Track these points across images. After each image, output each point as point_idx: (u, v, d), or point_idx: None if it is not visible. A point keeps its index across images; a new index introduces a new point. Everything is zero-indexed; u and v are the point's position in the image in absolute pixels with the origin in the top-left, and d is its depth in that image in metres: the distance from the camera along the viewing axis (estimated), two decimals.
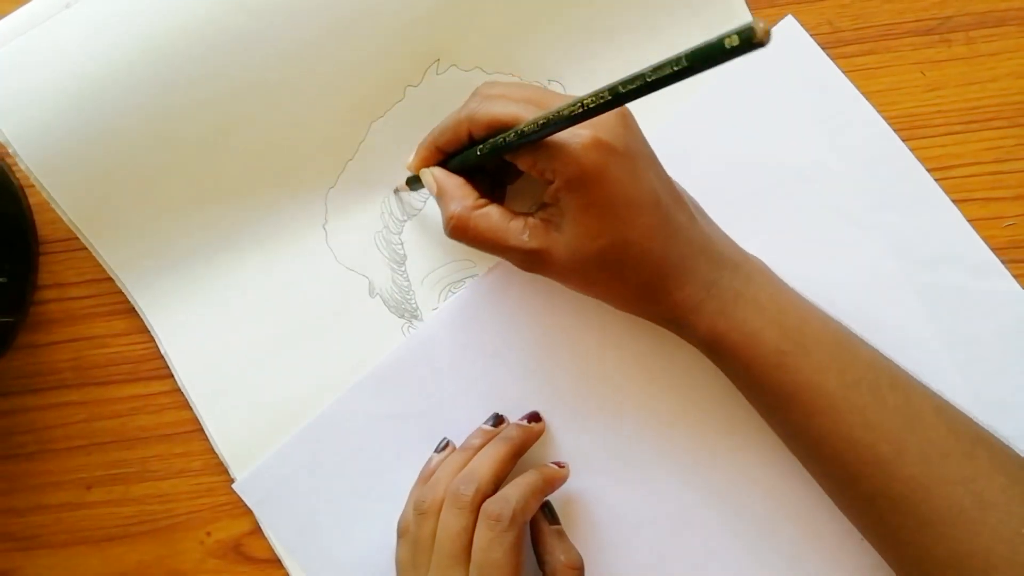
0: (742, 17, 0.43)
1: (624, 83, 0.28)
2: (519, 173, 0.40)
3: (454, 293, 0.43)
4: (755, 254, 0.39)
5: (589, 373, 0.42)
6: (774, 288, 0.37)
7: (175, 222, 0.41)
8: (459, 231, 0.37)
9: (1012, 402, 0.41)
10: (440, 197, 0.38)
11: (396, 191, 0.43)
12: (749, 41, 0.24)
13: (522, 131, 0.34)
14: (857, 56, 0.43)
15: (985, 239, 0.42)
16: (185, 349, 0.42)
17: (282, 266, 0.43)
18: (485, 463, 0.39)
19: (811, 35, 0.43)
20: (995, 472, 0.34)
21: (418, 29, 0.41)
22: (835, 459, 0.35)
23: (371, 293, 0.43)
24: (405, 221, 0.43)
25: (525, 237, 0.36)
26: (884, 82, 0.43)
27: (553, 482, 0.40)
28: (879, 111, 0.43)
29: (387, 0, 0.40)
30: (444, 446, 0.41)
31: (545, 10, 0.42)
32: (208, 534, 0.43)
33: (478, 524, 0.37)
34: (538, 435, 0.41)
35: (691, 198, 0.39)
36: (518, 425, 0.41)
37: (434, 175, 0.39)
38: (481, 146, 0.36)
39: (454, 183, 0.38)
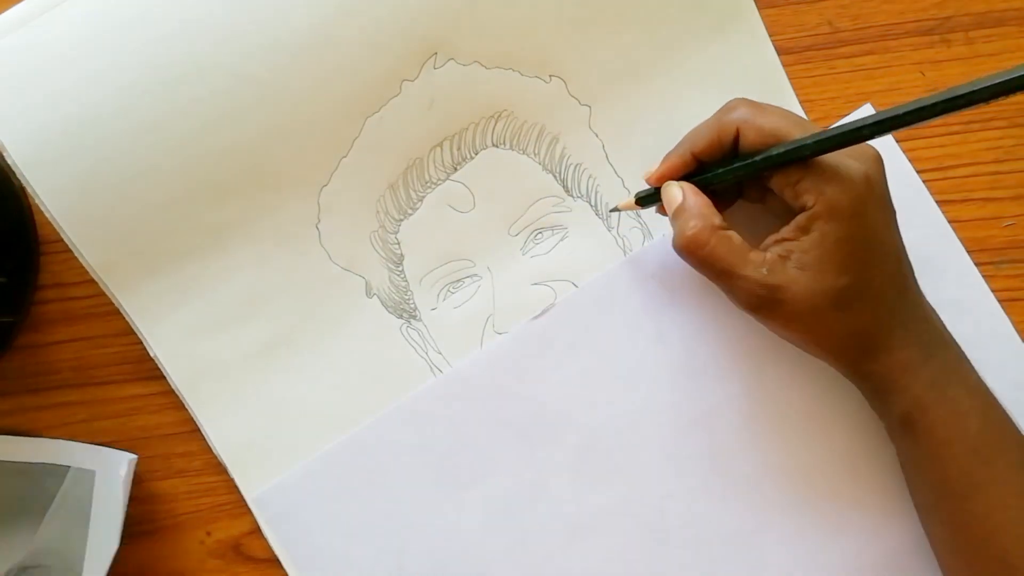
0: (747, 11, 0.43)
1: (911, 111, 0.31)
2: (729, 205, 0.40)
3: (453, 293, 0.43)
4: None
5: (630, 429, 0.42)
6: (978, 378, 0.37)
7: (164, 223, 0.41)
8: (696, 245, 0.36)
9: None
10: (681, 211, 0.37)
11: (615, 209, 0.42)
12: None
13: (815, 140, 0.34)
14: (857, 56, 0.43)
15: (984, 239, 0.42)
16: (176, 353, 0.42)
17: (274, 267, 0.42)
18: None
19: (811, 35, 0.43)
20: None
21: (415, 22, 0.41)
22: (1000, 560, 0.35)
23: (368, 293, 0.43)
24: (402, 220, 0.43)
25: (764, 271, 0.35)
26: (884, 82, 0.43)
27: None
28: (879, 111, 0.43)
29: None
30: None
31: (544, 4, 0.42)
32: (208, 534, 0.43)
33: None
34: None
35: None
36: None
37: (683, 188, 0.37)
38: (746, 164, 0.36)
39: (703, 199, 0.37)
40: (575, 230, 0.43)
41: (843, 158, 0.35)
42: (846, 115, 0.43)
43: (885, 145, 0.42)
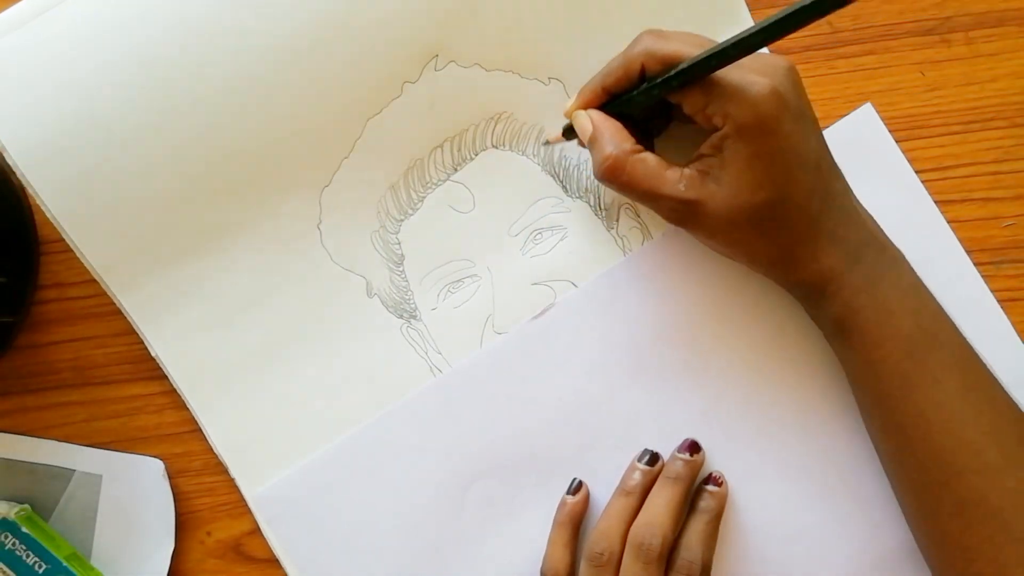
0: (742, 15, 0.43)
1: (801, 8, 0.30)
2: (666, 126, 0.40)
3: (453, 293, 0.43)
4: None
5: (632, 431, 0.42)
6: (913, 278, 0.37)
7: (165, 222, 0.41)
8: (613, 173, 0.37)
9: None
10: (594, 140, 0.38)
11: (547, 142, 0.43)
12: None
13: (714, 54, 0.34)
14: (856, 56, 0.43)
15: (984, 239, 0.42)
16: (177, 352, 0.42)
17: (275, 267, 0.42)
18: (664, 510, 0.38)
19: (810, 35, 0.43)
20: None
21: (417, 25, 0.41)
22: (937, 458, 0.35)
23: (368, 293, 0.43)
24: (402, 220, 0.43)
25: (681, 187, 0.36)
26: (883, 82, 0.43)
27: (723, 509, 0.40)
28: (878, 111, 0.43)
29: None
30: (577, 487, 0.41)
31: (545, 7, 0.42)
32: (208, 534, 0.43)
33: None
34: (700, 466, 0.40)
35: (842, 173, 0.39)
36: (684, 461, 0.40)
37: (591, 116, 0.38)
38: (649, 82, 0.37)
39: (612, 126, 0.38)
40: (574, 230, 0.43)
41: (749, 75, 0.35)
42: (846, 115, 0.43)
43: (884, 146, 0.43)
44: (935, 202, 0.43)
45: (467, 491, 0.42)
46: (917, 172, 0.43)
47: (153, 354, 0.42)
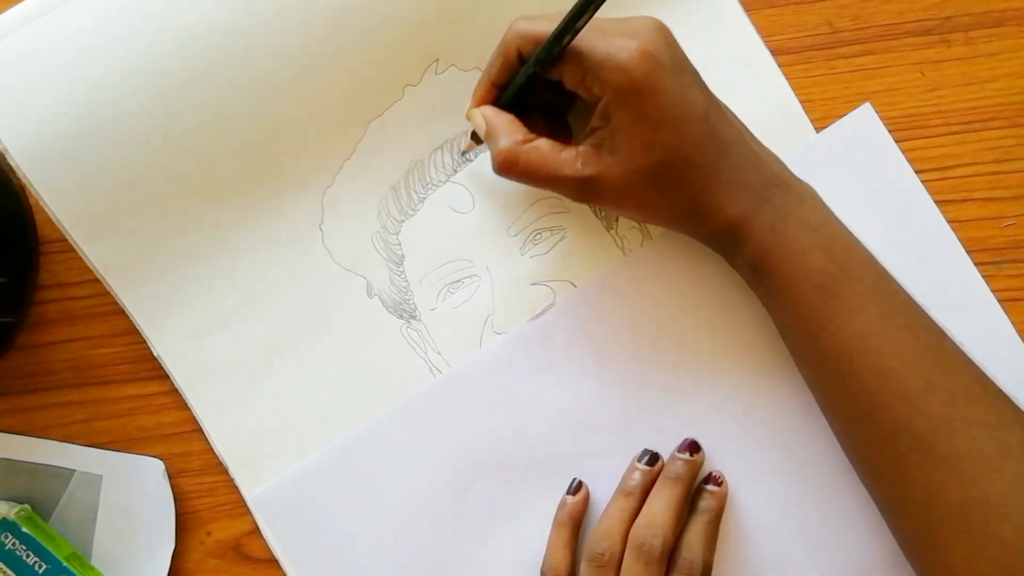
0: (738, 22, 0.43)
1: None
2: (571, 103, 0.40)
3: (453, 293, 0.43)
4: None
5: (624, 431, 0.42)
6: (824, 213, 0.37)
7: (168, 222, 0.41)
8: (508, 165, 0.37)
9: None
10: (488, 136, 0.38)
11: (463, 152, 0.43)
12: None
13: (564, 23, 0.34)
14: (856, 56, 0.43)
15: (984, 239, 0.42)
16: (179, 352, 0.42)
17: (277, 267, 0.42)
18: (664, 510, 0.38)
19: (811, 35, 0.43)
20: (1016, 424, 0.34)
21: (417, 29, 0.41)
22: (863, 388, 0.35)
23: (369, 293, 0.43)
24: (403, 221, 0.43)
25: (579, 165, 0.36)
26: (883, 82, 0.43)
27: (722, 510, 0.40)
28: (878, 112, 0.43)
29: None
30: (577, 487, 0.41)
31: (543, 11, 0.42)
32: (208, 534, 0.43)
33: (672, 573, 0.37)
34: (700, 466, 0.41)
35: (739, 120, 0.39)
36: (684, 461, 0.40)
37: (483, 114, 0.38)
38: (526, 65, 0.37)
39: (503, 120, 0.38)
40: (574, 230, 0.43)
41: (617, 39, 0.35)
42: (845, 115, 0.43)
43: (884, 146, 0.43)
44: (935, 202, 0.42)
45: (467, 492, 0.42)
46: (917, 172, 0.43)
47: (155, 354, 0.42)
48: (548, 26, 0.36)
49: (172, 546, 0.42)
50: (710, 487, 0.40)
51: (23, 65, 0.39)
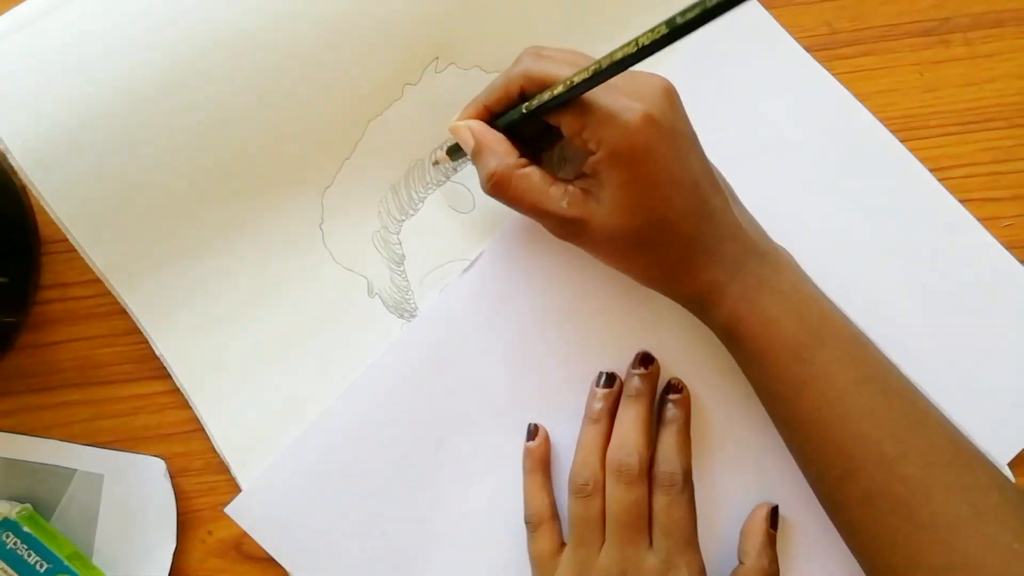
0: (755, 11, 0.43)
1: (680, 14, 0.28)
2: (554, 141, 0.40)
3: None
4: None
5: (579, 363, 0.42)
6: (798, 279, 0.38)
7: (169, 222, 0.41)
8: (499, 188, 0.37)
9: (991, 356, 0.42)
10: (478, 153, 0.38)
11: (435, 163, 0.42)
12: None
13: (572, 82, 0.33)
14: (855, 57, 0.44)
15: None
16: (181, 351, 0.42)
17: (278, 267, 0.42)
18: (633, 429, 0.39)
19: (809, 36, 0.44)
20: (990, 486, 0.34)
21: (417, 27, 0.41)
22: (839, 453, 0.35)
23: (370, 293, 0.43)
24: (403, 220, 0.43)
25: (564, 204, 0.36)
26: (882, 83, 0.43)
27: (689, 414, 0.41)
28: (876, 113, 0.43)
29: None
30: (534, 432, 0.41)
31: (544, 9, 0.42)
32: (209, 533, 0.43)
33: (655, 490, 0.38)
34: (658, 376, 0.41)
35: (726, 182, 0.39)
36: (640, 375, 0.40)
37: (471, 128, 0.38)
38: (528, 103, 0.36)
39: (495, 138, 0.38)
40: None
41: (623, 99, 0.34)
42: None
43: (890, 147, 0.43)
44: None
45: (436, 453, 0.42)
46: None
47: (157, 353, 0.42)
48: (557, 69, 0.35)
49: (173, 545, 0.42)
50: (671, 396, 0.41)
51: (24, 66, 0.39)
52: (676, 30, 0.28)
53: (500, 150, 0.37)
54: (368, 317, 0.43)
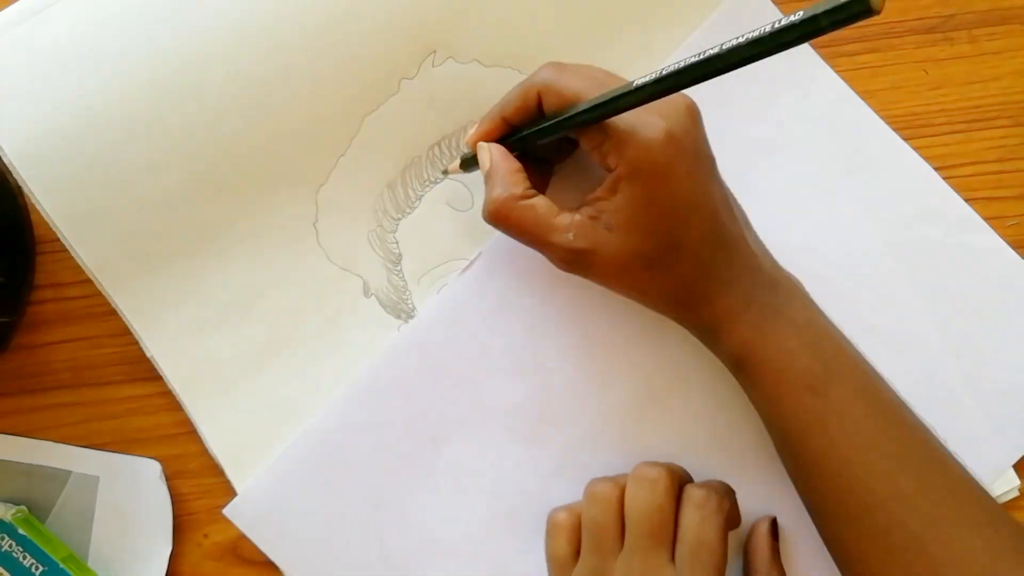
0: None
1: (724, 53, 0.27)
2: (567, 156, 0.40)
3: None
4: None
5: (579, 365, 0.42)
6: (810, 312, 0.37)
7: (161, 222, 0.41)
8: (498, 217, 0.36)
9: (997, 355, 0.41)
10: (488, 178, 0.37)
11: (445, 172, 0.42)
12: (862, 12, 0.22)
13: (598, 103, 0.33)
14: (859, 55, 0.43)
15: None
16: (172, 352, 0.42)
17: (271, 266, 0.42)
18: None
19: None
20: (1003, 523, 0.34)
21: (414, 20, 0.41)
22: (853, 489, 0.34)
23: (366, 293, 0.43)
24: (400, 219, 0.43)
25: (571, 236, 0.35)
26: (886, 81, 0.43)
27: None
28: (881, 111, 0.43)
29: None
30: None
31: (542, 2, 0.42)
32: (205, 536, 0.42)
33: (685, 505, 0.36)
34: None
35: (740, 208, 0.38)
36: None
37: (491, 152, 0.37)
38: (550, 119, 0.36)
39: (509, 167, 0.37)
40: None
41: (646, 115, 0.34)
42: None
43: (894, 145, 0.42)
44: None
45: (437, 456, 0.41)
46: None
47: (148, 354, 0.42)
48: (579, 85, 0.35)
49: (169, 548, 0.42)
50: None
51: (17, 64, 0.39)
52: (707, 72, 0.28)
53: (509, 180, 0.37)
54: (364, 318, 0.42)
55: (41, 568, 0.40)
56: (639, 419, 0.42)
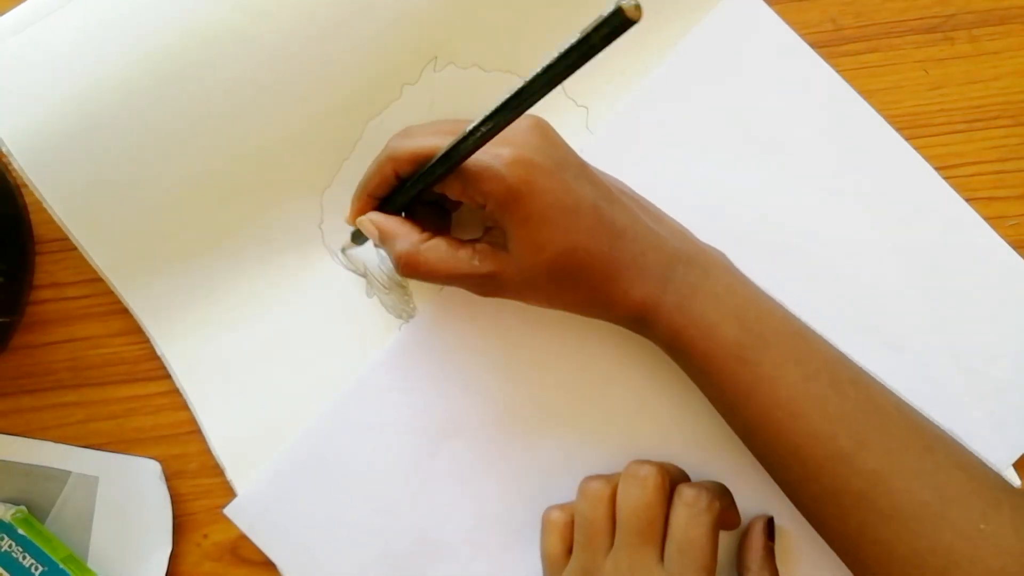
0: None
1: (526, 85, 0.29)
2: (457, 205, 0.41)
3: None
4: (727, 227, 0.38)
5: (578, 365, 0.42)
6: (732, 280, 0.37)
7: (169, 223, 0.41)
8: (411, 268, 0.37)
9: (996, 355, 0.41)
10: (384, 241, 0.38)
11: (343, 250, 0.43)
12: (622, 24, 0.24)
13: (442, 155, 0.34)
14: (860, 54, 0.43)
15: None
16: (182, 351, 0.42)
17: (278, 267, 0.42)
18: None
19: (814, 33, 0.43)
20: (953, 467, 0.34)
21: (415, 26, 0.41)
22: (795, 454, 0.35)
23: (368, 293, 0.43)
24: None
25: (476, 262, 0.36)
26: (887, 80, 0.43)
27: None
28: (881, 110, 0.43)
29: None
30: None
31: (544, 7, 0.42)
32: (205, 536, 0.42)
33: (675, 503, 0.36)
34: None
35: (634, 196, 0.39)
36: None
37: (372, 220, 0.38)
38: (408, 183, 0.37)
39: (394, 223, 0.38)
40: None
41: (493, 149, 0.34)
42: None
43: (894, 145, 0.42)
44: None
45: (435, 456, 0.41)
46: None
47: (159, 353, 0.42)
48: (422, 142, 0.36)
49: (169, 548, 0.42)
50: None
51: (26, 66, 0.39)
52: (521, 96, 0.29)
53: (401, 232, 0.37)
54: (366, 318, 0.42)
55: (41, 568, 0.40)
56: (638, 418, 0.42)
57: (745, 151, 0.42)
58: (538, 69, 0.28)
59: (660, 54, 0.43)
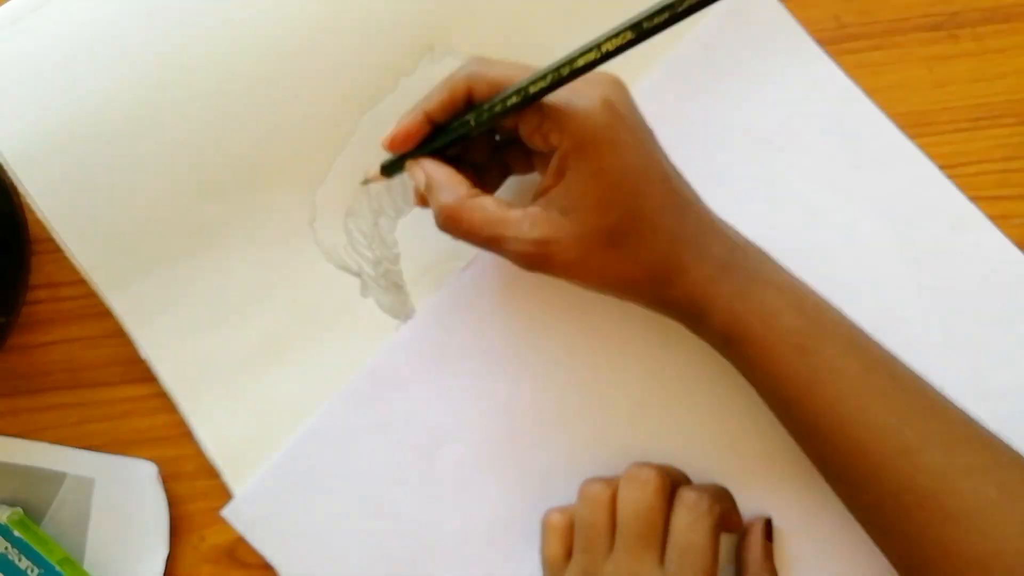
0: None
1: (646, 18, 0.28)
2: (502, 180, 0.40)
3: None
4: (732, 224, 0.38)
5: (579, 366, 0.41)
6: (785, 273, 0.36)
7: (157, 222, 0.41)
8: (452, 223, 0.35)
9: (1001, 355, 0.41)
10: (430, 190, 0.36)
11: (365, 182, 0.41)
12: None
13: (528, 91, 0.32)
14: (863, 52, 0.43)
15: None
16: (168, 354, 0.41)
17: (268, 266, 0.42)
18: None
19: (817, 30, 0.43)
20: (1013, 464, 0.33)
21: (412, 16, 0.40)
22: (858, 451, 0.34)
23: (363, 293, 0.42)
24: (397, 218, 0.42)
25: (526, 227, 0.34)
26: (891, 78, 0.43)
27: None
28: (885, 108, 0.42)
29: None
30: None
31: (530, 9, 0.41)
32: (202, 538, 0.42)
33: (676, 507, 0.36)
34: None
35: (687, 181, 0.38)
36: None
37: (423, 166, 0.36)
38: (478, 110, 0.34)
39: (444, 172, 0.36)
40: None
41: (581, 87, 0.33)
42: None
43: (898, 143, 0.42)
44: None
45: (433, 459, 0.41)
46: None
47: (143, 356, 0.41)
48: (509, 72, 0.34)
49: (166, 551, 0.41)
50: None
51: (11, 62, 0.39)
52: (642, 35, 0.28)
53: (450, 183, 0.35)
54: (362, 318, 0.42)
55: (36, 570, 0.39)
56: (640, 420, 0.41)
57: (748, 149, 0.42)
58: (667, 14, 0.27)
59: (662, 51, 0.43)
